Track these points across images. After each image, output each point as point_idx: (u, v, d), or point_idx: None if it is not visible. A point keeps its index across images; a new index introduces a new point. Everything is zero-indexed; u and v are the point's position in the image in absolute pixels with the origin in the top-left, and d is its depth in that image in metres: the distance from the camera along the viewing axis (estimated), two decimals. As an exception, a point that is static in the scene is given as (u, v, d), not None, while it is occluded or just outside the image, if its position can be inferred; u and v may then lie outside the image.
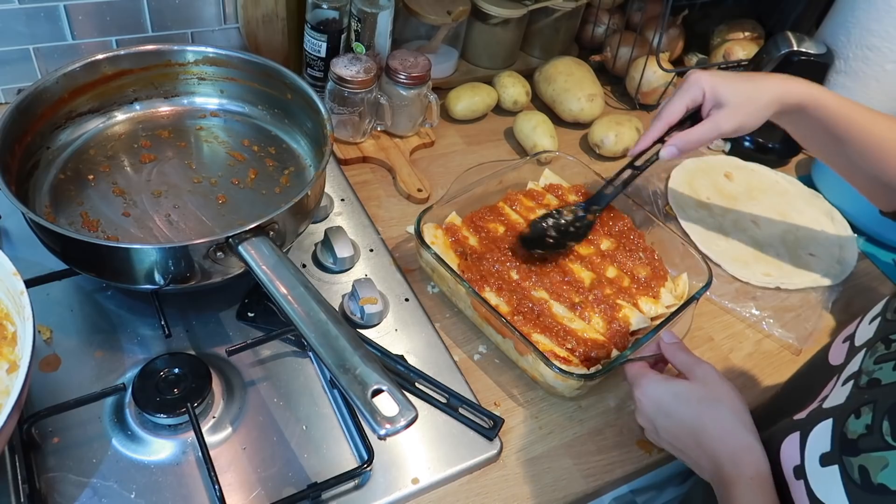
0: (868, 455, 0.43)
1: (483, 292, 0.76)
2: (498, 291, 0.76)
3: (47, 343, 0.68)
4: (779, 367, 0.82)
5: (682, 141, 0.76)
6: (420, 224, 0.78)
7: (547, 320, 0.75)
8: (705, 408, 0.59)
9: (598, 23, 1.25)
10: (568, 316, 0.76)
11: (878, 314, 0.56)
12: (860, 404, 0.47)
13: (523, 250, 0.80)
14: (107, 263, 0.65)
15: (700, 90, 0.75)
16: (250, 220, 0.64)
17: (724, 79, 0.75)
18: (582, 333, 0.74)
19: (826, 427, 0.48)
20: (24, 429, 0.59)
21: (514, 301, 0.76)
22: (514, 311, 0.75)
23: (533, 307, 0.76)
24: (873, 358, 0.50)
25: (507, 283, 0.78)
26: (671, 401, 0.61)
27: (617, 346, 0.74)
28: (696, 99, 0.75)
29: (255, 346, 0.69)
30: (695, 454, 0.59)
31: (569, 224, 0.83)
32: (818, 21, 1.16)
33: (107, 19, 0.90)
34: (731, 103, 0.74)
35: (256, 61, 0.83)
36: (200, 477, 0.61)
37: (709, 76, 0.75)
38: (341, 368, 0.54)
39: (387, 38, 0.99)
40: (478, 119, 1.09)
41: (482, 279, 0.77)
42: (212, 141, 0.84)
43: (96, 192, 0.75)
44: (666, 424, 0.61)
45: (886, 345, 0.50)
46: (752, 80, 0.75)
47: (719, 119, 0.74)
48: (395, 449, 0.66)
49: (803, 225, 1.00)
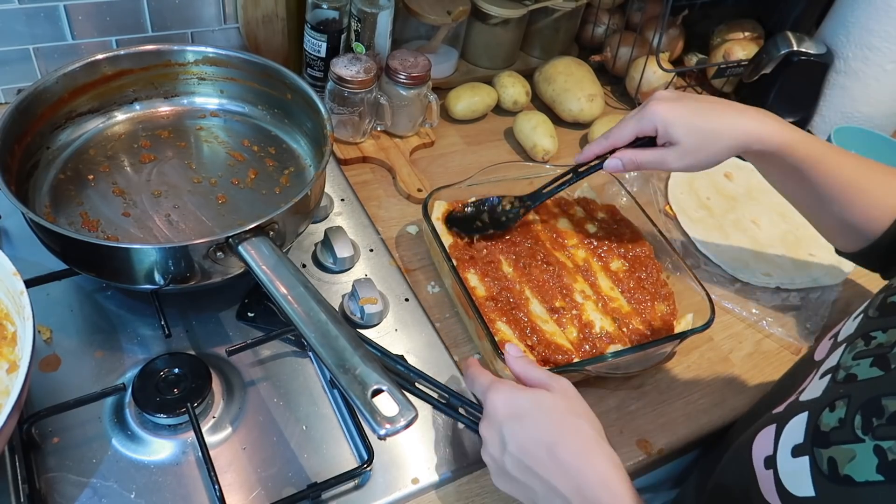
0: (838, 447, 0.43)
1: (466, 272, 0.77)
2: (481, 276, 0.78)
3: (47, 343, 0.68)
4: (779, 367, 0.82)
5: (627, 158, 0.73)
6: (430, 197, 0.80)
7: (519, 314, 0.75)
8: (567, 419, 0.53)
9: (598, 23, 1.25)
10: (543, 317, 0.76)
11: (861, 311, 0.56)
12: (835, 398, 0.47)
13: (447, 227, 0.83)
14: (107, 263, 0.65)
15: (652, 125, 0.71)
16: (250, 220, 0.64)
17: (681, 116, 0.69)
18: (549, 336, 0.73)
19: (801, 420, 0.49)
20: (24, 429, 0.59)
21: (494, 289, 0.77)
22: (488, 297, 0.76)
23: (510, 298, 0.76)
24: (852, 353, 0.50)
25: (494, 271, 0.79)
26: (529, 407, 0.54)
27: (582, 357, 0.73)
28: (646, 132, 0.72)
29: (255, 346, 0.69)
30: (547, 471, 0.51)
31: (501, 213, 0.84)
32: (818, 21, 1.16)
33: (107, 19, 0.90)
34: (684, 145, 0.70)
35: (256, 61, 0.83)
36: (200, 477, 0.61)
37: (666, 110, 0.70)
38: (341, 368, 0.54)
39: (387, 38, 0.99)
40: (478, 119, 1.09)
41: (471, 261, 0.79)
42: (212, 141, 0.84)
43: (96, 192, 0.75)
44: (518, 434, 0.53)
45: (866, 341, 0.50)
46: (714, 119, 0.69)
47: (667, 156, 0.71)
48: (395, 449, 0.66)
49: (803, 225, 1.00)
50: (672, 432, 0.73)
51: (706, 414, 0.76)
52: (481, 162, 1.02)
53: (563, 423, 0.53)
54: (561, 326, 0.76)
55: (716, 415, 0.76)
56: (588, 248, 0.85)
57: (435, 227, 0.80)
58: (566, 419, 0.54)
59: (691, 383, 0.78)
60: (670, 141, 0.70)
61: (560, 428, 0.53)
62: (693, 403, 0.76)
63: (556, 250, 0.83)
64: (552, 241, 0.85)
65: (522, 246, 0.82)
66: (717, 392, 0.78)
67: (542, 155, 1.02)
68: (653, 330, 0.78)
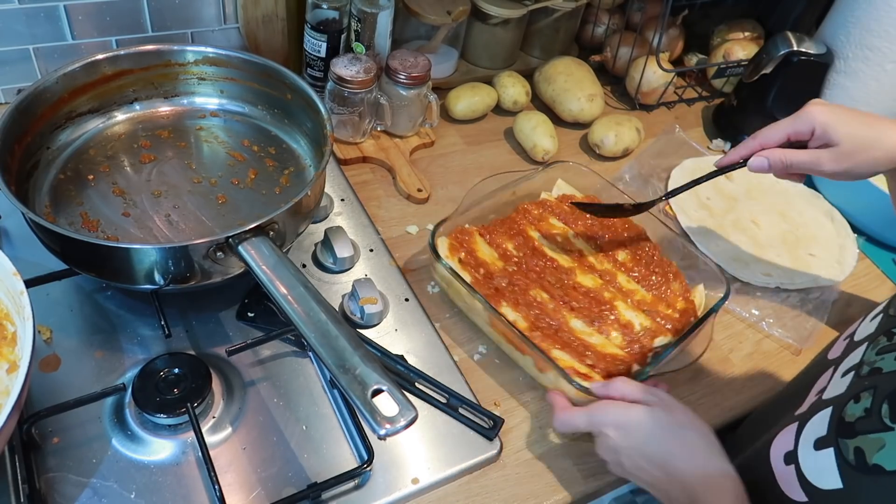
0: (865, 437, 0.43)
1: (500, 307, 0.74)
2: (514, 306, 0.75)
3: (47, 343, 0.68)
4: (779, 367, 0.82)
5: (776, 158, 0.70)
6: (434, 238, 0.77)
7: (565, 336, 0.73)
8: (671, 434, 0.57)
9: (598, 23, 1.25)
10: (586, 331, 0.75)
11: (880, 311, 0.56)
12: (860, 390, 0.46)
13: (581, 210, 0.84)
14: (107, 263, 0.65)
15: (809, 126, 0.68)
16: (250, 220, 0.64)
17: (843, 119, 0.67)
18: (601, 349, 0.73)
19: (825, 415, 0.48)
20: (24, 429, 0.59)
21: (532, 316, 0.75)
22: (532, 326, 0.74)
23: (551, 322, 0.74)
24: (875, 349, 0.50)
25: (524, 297, 0.76)
26: (635, 430, 0.58)
27: (637, 360, 0.73)
28: (802, 133, 0.69)
29: (255, 346, 0.69)
30: (664, 485, 0.56)
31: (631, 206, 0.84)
32: (818, 21, 1.16)
33: (107, 19, 0.90)
34: (842, 147, 0.67)
35: (256, 61, 0.83)
36: (200, 477, 0.61)
37: (826, 112, 0.68)
38: (341, 368, 0.54)
39: (387, 38, 0.99)
40: (478, 119, 1.09)
41: (497, 293, 0.76)
42: (212, 141, 0.84)
43: (96, 192, 0.75)
44: (632, 457, 0.58)
45: (889, 337, 0.50)
46: (876, 127, 0.67)
47: (822, 158, 0.68)
48: (395, 449, 0.66)
49: (803, 225, 1.00)
50: (672, 432, 0.73)
51: (706, 414, 0.76)
52: (481, 162, 1.02)
53: (668, 439, 0.57)
54: (605, 335, 0.75)
55: (716, 415, 0.76)
56: (592, 244, 0.85)
57: (452, 267, 0.75)
58: (674, 432, 0.57)
59: (691, 383, 0.78)
60: (828, 143, 0.67)
61: (667, 443, 0.56)
62: (693, 403, 0.76)
63: (564, 254, 0.83)
64: (554, 246, 0.84)
65: (531, 262, 0.81)
66: (718, 392, 0.78)
67: (542, 155, 1.02)
68: (680, 311, 0.79)
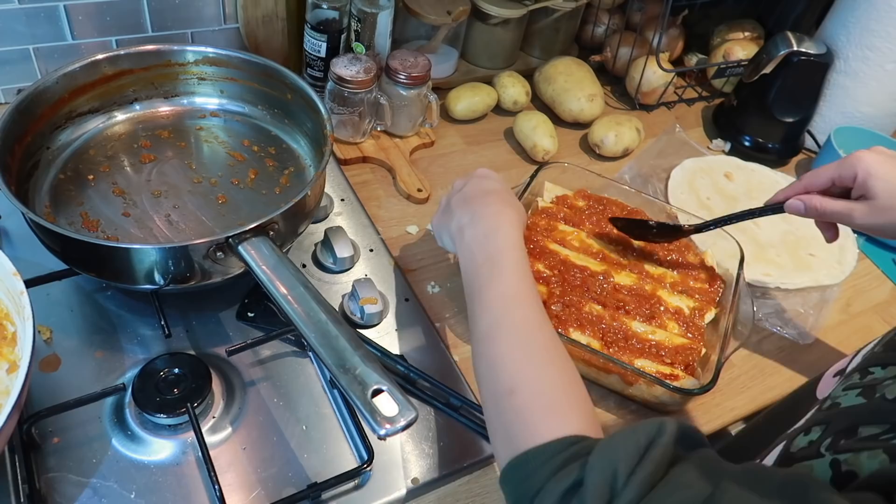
0: (799, 464, 0.43)
1: (570, 335, 0.72)
2: (581, 328, 0.73)
3: (47, 343, 0.68)
4: (779, 367, 0.82)
5: (811, 204, 0.69)
6: None
7: (634, 342, 0.73)
8: (509, 194, 0.70)
9: (598, 23, 1.25)
10: (649, 329, 0.74)
11: (869, 350, 0.55)
12: (813, 424, 0.46)
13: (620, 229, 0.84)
14: (107, 263, 0.65)
15: (852, 172, 0.66)
16: (250, 220, 0.64)
17: (888, 171, 0.64)
18: (669, 343, 0.73)
19: (778, 449, 0.48)
20: (24, 429, 0.59)
21: (600, 332, 0.73)
22: (605, 342, 0.73)
23: (616, 333, 0.73)
24: (843, 386, 0.49)
25: (578, 315, 0.74)
26: (496, 178, 0.71)
27: (701, 342, 0.75)
28: (845, 179, 0.67)
29: (255, 346, 0.69)
30: (477, 203, 0.67)
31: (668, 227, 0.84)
32: (818, 21, 1.16)
33: (107, 19, 0.90)
34: (879, 201, 0.64)
35: (256, 61, 0.83)
36: (200, 477, 0.61)
37: (873, 160, 0.65)
38: (341, 368, 0.54)
39: (387, 38, 0.99)
40: (478, 119, 1.09)
41: (558, 321, 0.74)
42: (212, 141, 0.84)
43: (96, 192, 0.75)
44: (474, 184, 0.70)
45: (862, 375, 0.49)
46: None
47: (855, 211, 0.66)
48: (395, 449, 0.66)
49: (803, 225, 1.00)
50: (672, 432, 0.73)
51: (706, 414, 0.76)
52: (481, 162, 1.02)
53: (506, 191, 0.70)
54: (665, 328, 0.75)
55: (716, 415, 0.76)
56: (606, 241, 0.84)
57: None
58: (510, 194, 0.70)
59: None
60: (866, 194, 0.66)
61: (503, 191, 0.69)
62: (693, 403, 0.76)
63: (590, 258, 0.81)
64: (578, 254, 0.81)
65: (570, 278, 0.78)
66: (718, 392, 0.78)
67: (542, 155, 1.02)
68: (706, 280, 0.83)
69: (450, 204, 0.70)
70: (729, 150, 1.15)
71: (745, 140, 1.14)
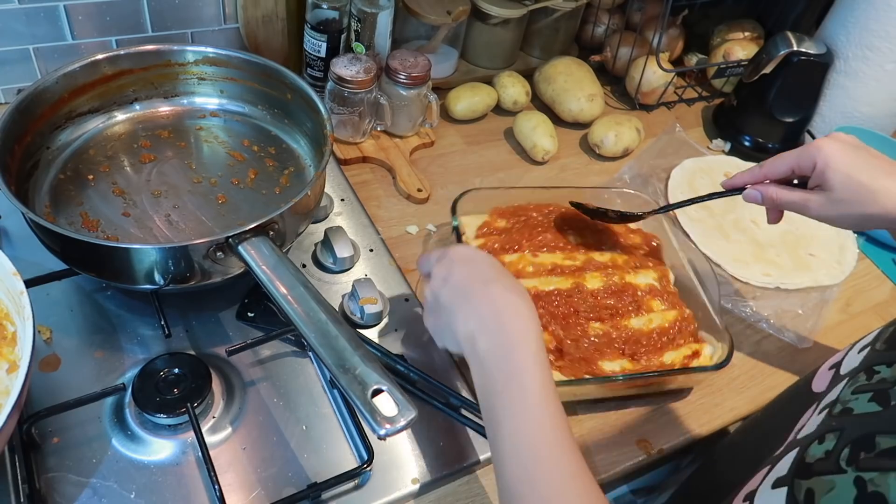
0: (819, 478, 0.41)
1: (601, 369, 0.70)
2: (603, 356, 0.71)
3: (47, 343, 0.68)
4: (778, 367, 0.82)
5: (768, 193, 0.69)
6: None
7: (645, 340, 0.72)
8: (505, 272, 0.60)
9: (598, 23, 1.25)
10: (644, 319, 0.74)
11: (868, 344, 0.54)
12: (826, 431, 0.45)
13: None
14: (107, 263, 0.65)
15: (811, 162, 0.65)
16: (250, 220, 0.64)
17: (846, 163, 0.64)
18: (670, 323, 0.74)
19: (791, 455, 0.47)
20: (24, 429, 0.59)
21: (619, 351, 0.72)
22: (631, 358, 0.72)
23: (629, 341, 0.72)
24: (853, 388, 0.48)
25: (575, 329, 0.72)
26: (481, 258, 0.61)
27: (684, 304, 0.77)
28: (804, 169, 0.66)
29: (255, 346, 0.69)
30: (477, 297, 0.56)
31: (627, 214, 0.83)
32: (818, 21, 1.16)
33: (107, 19, 0.90)
34: (834, 193, 0.64)
35: (256, 61, 0.83)
36: (200, 477, 0.61)
37: (832, 149, 0.64)
38: (341, 368, 0.54)
39: (387, 38, 0.99)
40: (478, 119, 1.09)
41: (582, 362, 0.71)
42: (212, 141, 0.84)
43: (96, 192, 0.76)
44: (463, 271, 0.59)
45: (868, 375, 0.48)
46: (880, 179, 0.63)
47: (811, 202, 0.66)
48: (395, 449, 0.66)
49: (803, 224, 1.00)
50: (672, 432, 0.73)
51: (706, 414, 0.76)
52: (481, 162, 1.02)
53: (501, 273, 0.60)
54: (654, 310, 0.76)
55: (716, 415, 0.76)
56: (552, 252, 0.81)
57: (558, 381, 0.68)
58: (505, 272, 0.60)
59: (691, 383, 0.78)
60: (822, 185, 0.65)
61: (498, 274, 0.59)
62: (693, 403, 0.76)
63: (554, 277, 0.77)
64: (542, 278, 0.77)
65: (553, 308, 0.74)
66: (717, 392, 0.78)
67: (542, 155, 1.02)
68: (641, 243, 0.85)
69: (439, 300, 0.59)
70: (729, 150, 1.15)
71: (745, 140, 1.14)
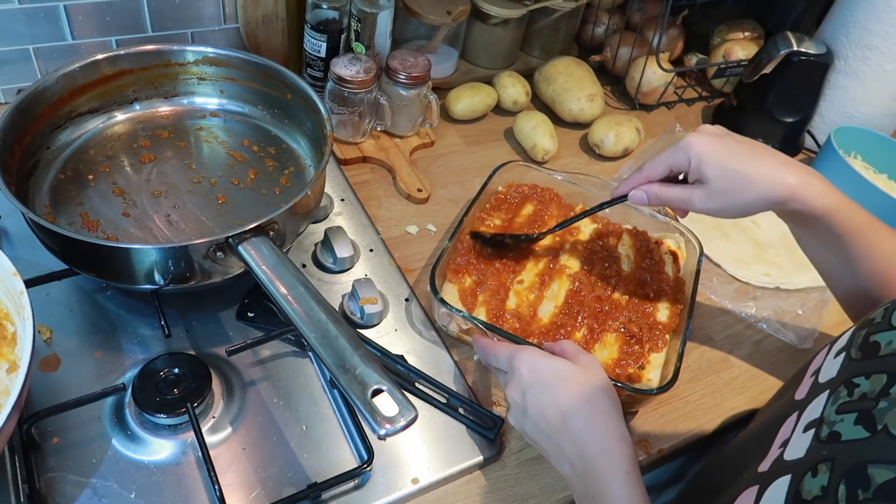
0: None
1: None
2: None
3: (47, 343, 0.68)
4: (778, 367, 0.82)
5: (653, 192, 0.69)
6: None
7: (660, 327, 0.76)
8: (583, 390, 0.57)
9: (598, 23, 1.25)
10: (640, 292, 0.79)
11: (843, 348, 0.52)
12: (818, 461, 0.44)
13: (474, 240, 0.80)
14: (107, 263, 0.65)
15: (686, 158, 0.66)
16: (250, 220, 0.64)
17: (716, 154, 0.65)
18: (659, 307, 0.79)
19: (783, 483, 0.45)
20: (24, 429, 0.59)
21: (619, 337, 0.75)
22: (632, 336, 0.75)
23: (633, 320, 0.76)
24: (836, 405, 0.46)
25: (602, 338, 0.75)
26: (551, 375, 0.59)
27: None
28: (680, 166, 0.67)
29: (255, 346, 0.69)
30: (559, 436, 0.56)
31: (522, 239, 0.81)
32: (818, 21, 1.16)
33: (107, 19, 0.90)
34: (713, 185, 0.65)
35: (256, 61, 0.83)
36: (200, 477, 0.61)
37: (702, 144, 0.65)
38: (341, 368, 0.54)
39: (387, 38, 0.99)
40: (478, 119, 1.09)
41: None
42: (212, 141, 0.84)
43: (96, 192, 0.76)
44: (538, 398, 0.58)
45: (849, 390, 0.46)
46: (752, 164, 0.64)
47: (694, 196, 0.66)
48: (395, 449, 0.66)
49: (803, 225, 1.00)
50: (672, 432, 0.73)
51: (706, 414, 0.76)
52: (481, 162, 1.02)
53: (579, 394, 0.57)
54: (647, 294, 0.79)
55: (716, 415, 0.76)
56: (518, 273, 0.80)
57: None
58: (583, 390, 0.57)
59: (691, 383, 0.79)
60: (701, 179, 0.66)
61: (576, 398, 0.57)
62: (693, 403, 0.77)
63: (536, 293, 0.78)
64: (522, 306, 0.77)
65: (533, 329, 0.75)
66: (717, 392, 0.78)
67: (542, 155, 1.02)
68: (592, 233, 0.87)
69: (524, 429, 0.60)
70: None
71: (745, 140, 1.14)
